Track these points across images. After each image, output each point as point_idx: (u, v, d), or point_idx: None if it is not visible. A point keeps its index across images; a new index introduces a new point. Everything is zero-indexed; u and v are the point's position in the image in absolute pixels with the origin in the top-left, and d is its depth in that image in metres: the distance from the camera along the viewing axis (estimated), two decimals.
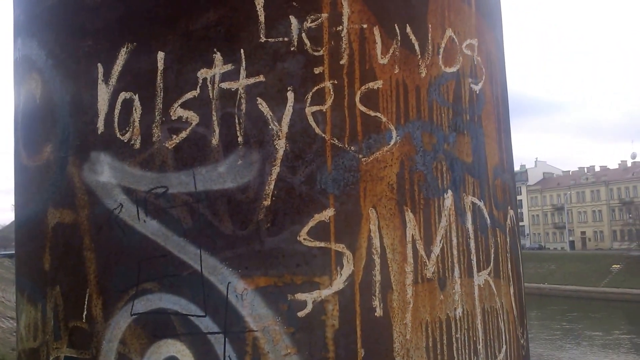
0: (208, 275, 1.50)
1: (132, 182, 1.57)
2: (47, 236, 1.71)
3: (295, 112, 1.54)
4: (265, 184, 1.51)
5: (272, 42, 1.55)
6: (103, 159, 1.60)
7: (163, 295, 1.52)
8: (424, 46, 1.69)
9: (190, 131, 1.54)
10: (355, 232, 1.54)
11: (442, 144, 1.69)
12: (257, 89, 1.54)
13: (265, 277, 1.49)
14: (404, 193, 1.60)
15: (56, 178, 1.69)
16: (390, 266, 1.56)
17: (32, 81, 1.80)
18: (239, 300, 1.48)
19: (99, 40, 1.63)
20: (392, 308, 1.55)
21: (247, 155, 1.52)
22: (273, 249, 1.50)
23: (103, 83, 1.62)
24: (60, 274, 1.67)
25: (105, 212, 1.59)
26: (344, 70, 1.57)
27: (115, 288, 1.56)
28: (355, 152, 1.56)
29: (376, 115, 1.59)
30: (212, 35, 1.55)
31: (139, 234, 1.55)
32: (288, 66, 1.54)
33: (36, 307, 1.75)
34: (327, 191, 1.53)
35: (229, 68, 1.54)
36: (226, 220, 1.51)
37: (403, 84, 1.63)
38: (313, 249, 1.51)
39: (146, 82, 1.58)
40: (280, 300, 1.49)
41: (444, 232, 1.66)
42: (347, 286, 1.51)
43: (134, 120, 1.58)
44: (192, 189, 1.53)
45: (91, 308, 1.59)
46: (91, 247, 1.61)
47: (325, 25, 1.57)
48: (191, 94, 1.55)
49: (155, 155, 1.56)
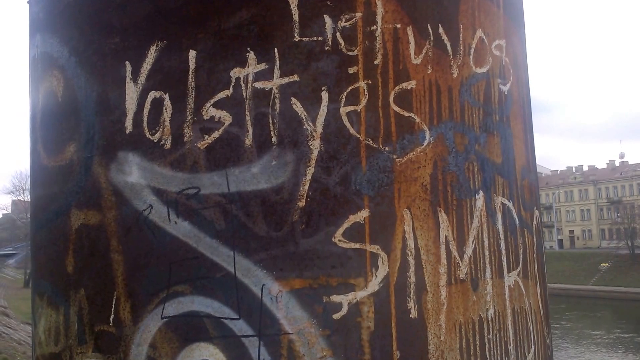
0: (242, 278, 1.47)
1: (162, 182, 1.54)
2: (71, 238, 1.67)
3: (329, 112, 1.52)
4: (299, 185, 1.49)
5: (306, 42, 1.52)
6: (131, 159, 1.57)
7: (195, 298, 1.49)
8: (456, 46, 1.68)
9: (223, 131, 1.51)
10: (390, 233, 1.52)
11: (473, 145, 1.68)
12: (291, 89, 1.51)
13: (300, 279, 1.47)
14: (437, 194, 1.59)
15: (80, 178, 1.66)
16: (424, 267, 1.54)
17: (53, 79, 1.76)
18: (273, 303, 1.46)
19: (127, 37, 1.60)
20: (427, 309, 1.53)
21: (281, 155, 1.50)
22: (308, 250, 1.48)
23: (131, 81, 1.58)
24: (85, 276, 1.63)
25: (134, 213, 1.55)
26: (378, 70, 1.55)
27: (145, 291, 1.53)
28: (389, 153, 1.54)
29: (410, 115, 1.57)
30: (244, 34, 1.53)
31: (169, 235, 1.52)
32: (322, 66, 1.52)
33: (58, 311, 1.71)
34: (362, 192, 1.51)
35: (262, 67, 1.52)
36: (260, 222, 1.48)
37: (436, 84, 1.62)
38: (348, 250, 1.49)
39: (177, 81, 1.54)
40: (316, 302, 1.47)
41: (476, 233, 1.65)
42: (383, 288, 1.50)
43: (164, 119, 1.55)
44: (225, 189, 1.50)
45: (119, 311, 1.56)
46: (119, 249, 1.57)
47: (359, 25, 1.55)
48: (224, 93, 1.52)
49: (187, 156, 1.53)
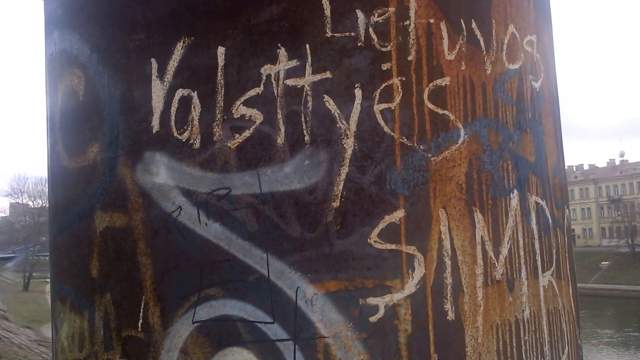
0: (275, 280, 1.43)
1: (191, 183, 1.50)
2: (95, 241, 1.63)
3: (363, 110, 1.48)
4: (333, 185, 1.45)
5: (339, 37, 1.48)
6: (159, 159, 1.53)
7: (227, 301, 1.45)
8: (489, 42, 1.64)
9: (254, 130, 1.47)
10: (426, 233, 1.48)
11: (507, 143, 1.64)
12: (324, 86, 1.47)
13: (336, 281, 1.43)
14: (473, 193, 1.55)
15: (104, 179, 1.61)
16: (460, 268, 1.50)
17: (74, 77, 1.72)
18: (308, 306, 1.42)
19: (152, 34, 1.56)
20: (464, 311, 1.50)
21: (314, 154, 1.46)
22: (343, 252, 1.44)
23: (157, 79, 1.54)
24: (111, 280, 1.59)
25: (162, 215, 1.51)
26: (412, 66, 1.51)
27: (175, 295, 1.49)
28: (424, 151, 1.50)
29: (444, 113, 1.53)
30: (275, 30, 1.48)
31: (200, 237, 1.48)
32: (355, 62, 1.48)
33: (82, 316, 1.67)
34: (397, 192, 1.47)
35: (294, 64, 1.47)
36: (293, 223, 1.44)
37: (470, 81, 1.58)
38: (384, 251, 1.45)
39: (205, 78, 1.50)
40: (352, 305, 1.43)
41: (511, 233, 1.61)
42: (419, 289, 1.46)
43: (192, 118, 1.51)
44: (256, 190, 1.46)
45: (147, 316, 1.51)
46: (147, 252, 1.53)
47: (392, 20, 1.51)
48: (254, 91, 1.48)
49: (217, 155, 1.49)
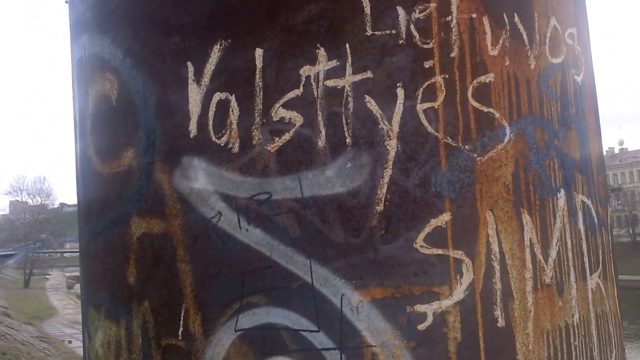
0: (320, 287, 1.39)
1: (231, 188, 1.46)
2: (132, 247, 1.60)
3: (405, 110, 1.43)
4: (377, 188, 1.41)
5: (379, 35, 1.44)
6: (197, 164, 1.49)
7: (271, 309, 1.41)
8: (532, 36, 1.58)
9: (294, 133, 1.43)
10: (473, 237, 1.44)
11: (553, 140, 1.59)
12: (365, 86, 1.43)
13: (382, 288, 1.39)
14: (520, 194, 1.50)
15: (141, 185, 1.58)
16: (510, 273, 1.46)
17: (106, 81, 1.69)
18: (354, 314, 1.38)
19: (188, 37, 1.52)
20: (514, 317, 1.45)
21: (356, 157, 1.41)
22: (388, 257, 1.40)
23: (194, 83, 1.50)
24: (149, 288, 1.56)
25: (201, 220, 1.48)
26: (455, 63, 1.46)
27: (216, 302, 1.46)
28: (469, 151, 1.45)
29: (489, 111, 1.48)
30: (314, 30, 1.44)
31: (241, 243, 1.44)
32: (397, 61, 1.43)
33: (118, 324, 1.64)
34: (443, 194, 1.42)
35: (333, 64, 1.43)
36: (337, 228, 1.40)
37: (514, 77, 1.53)
38: (430, 256, 1.40)
39: (243, 81, 1.46)
40: (399, 312, 1.38)
41: (559, 234, 1.56)
42: (468, 296, 1.41)
43: (230, 122, 1.47)
44: (298, 194, 1.42)
45: (188, 324, 1.48)
46: (186, 259, 1.50)
47: (434, 16, 1.46)
48: (294, 93, 1.44)
49: (257, 160, 1.45)
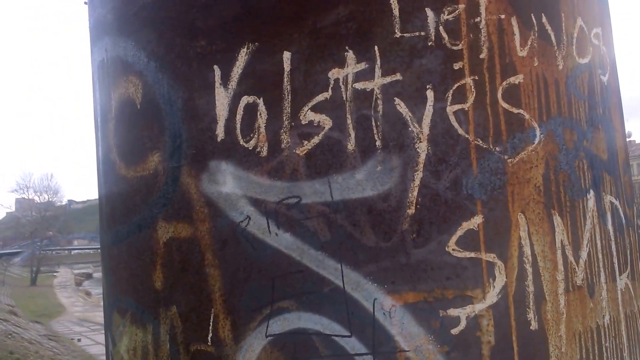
0: (351, 292, 1.38)
1: (259, 192, 1.45)
2: (158, 252, 1.59)
3: (435, 112, 1.42)
4: (408, 191, 1.40)
5: (408, 37, 1.42)
6: (225, 168, 1.48)
7: (302, 314, 1.40)
8: (559, 37, 1.57)
9: (323, 136, 1.42)
10: (505, 239, 1.42)
11: (581, 141, 1.58)
12: (394, 89, 1.42)
13: (414, 292, 1.38)
14: (551, 195, 1.49)
15: (167, 189, 1.57)
16: (542, 275, 1.44)
17: (130, 85, 1.68)
18: (386, 318, 1.37)
19: (214, 40, 1.51)
20: (547, 320, 1.44)
21: (386, 160, 1.40)
22: (420, 261, 1.38)
23: (221, 87, 1.49)
24: (176, 293, 1.55)
25: (230, 225, 1.47)
26: (484, 64, 1.45)
27: (246, 307, 1.45)
28: (500, 153, 1.44)
29: (519, 112, 1.47)
30: (342, 32, 1.43)
31: (270, 248, 1.43)
32: (426, 62, 1.42)
33: (145, 330, 1.63)
34: (474, 197, 1.41)
35: (362, 67, 1.42)
36: (368, 232, 1.39)
37: (543, 78, 1.52)
38: (463, 260, 1.39)
39: (271, 84, 1.45)
40: (432, 316, 1.37)
41: (589, 236, 1.55)
42: (501, 299, 1.40)
43: (258, 126, 1.46)
44: (328, 198, 1.41)
45: (218, 330, 1.48)
46: (215, 264, 1.49)
47: (462, 17, 1.45)
48: (322, 96, 1.43)
49: (285, 163, 1.44)
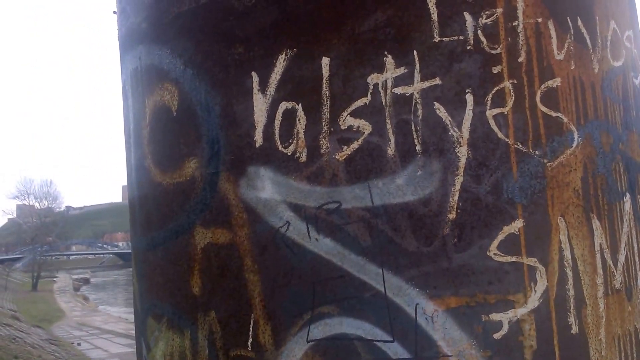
0: (393, 297, 1.39)
1: (299, 197, 1.45)
2: (196, 258, 1.60)
3: (475, 116, 1.42)
4: (448, 196, 1.40)
5: (447, 42, 1.43)
6: (263, 173, 1.49)
7: (343, 319, 1.41)
8: (594, 40, 1.57)
9: (363, 141, 1.43)
10: (546, 243, 1.43)
11: (617, 144, 1.58)
12: (434, 93, 1.42)
13: (456, 297, 1.38)
14: (589, 199, 1.49)
15: (205, 195, 1.58)
16: (582, 279, 1.44)
17: (165, 92, 1.69)
18: (429, 323, 1.37)
19: (252, 47, 1.52)
20: (587, 324, 1.44)
21: (426, 164, 1.41)
22: (462, 265, 1.39)
23: (259, 93, 1.50)
24: (215, 298, 1.56)
25: (269, 230, 1.48)
26: (523, 68, 1.45)
27: (287, 313, 1.45)
28: (540, 157, 1.44)
29: (557, 115, 1.47)
30: (381, 37, 1.44)
31: (311, 253, 1.44)
32: (465, 67, 1.43)
33: (182, 335, 1.64)
34: (515, 201, 1.41)
35: (401, 72, 1.42)
36: (409, 237, 1.40)
37: (579, 81, 1.52)
38: (504, 264, 1.39)
39: (310, 90, 1.46)
40: (474, 321, 1.37)
41: (627, 239, 1.55)
42: (542, 303, 1.40)
43: (297, 131, 1.47)
44: (368, 203, 1.41)
45: (258, 335, 1.48)
46: (254, 269, 1.49)
47: (500, 21, 1.45)
48: (361, 101, 1.43)
49: (325, 169, 1.44)
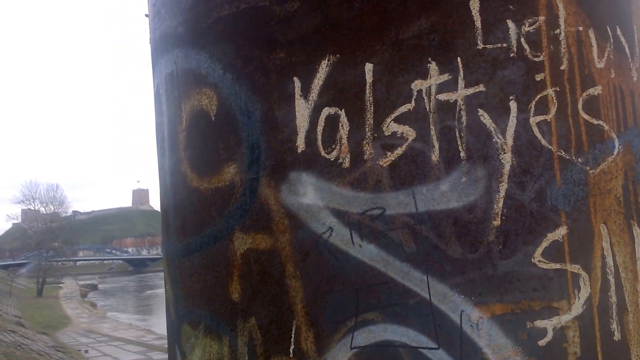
0: (438, 304, 1.38)
1: (342, 203, 1.45)
2: (235, 263, 1.59)
3: (519, 123, 1.43)
4: (493, 202, 1.40)
5: (491, 49, 1.44)
6: (305, 179, 1.49)
7: (388, 326, 1.40)
8: (633, 49, 1.59)
9: (407, 147, 1.43)
10: (589, 251, 1.43)
11: None
12: (477, 100, 1.43)
13: (501, 304, 1.38)
14: (630, 206, 1.49)
15: (244, 200, 1.58)
16: (624, 286, 1.45)
17: (203, 97, 1.69)
18: (474, 330, 1.37)
19: (294, 52, 1.52)
20: (629, 330, 1.44)
21: (471, 171, 1.41)
22: (507, 272, 1.39)
23: (301, 98, 1.51)
24: (255, 304, 1.55)
25: (311, 236, 1.47)
26: (565, 76, 1.46)
27: (330, 319, 1.45)
28: (582, 164, 1.45)
29: (599, 123, 1.48)
30: (425, 44, 1.44)
31: (354, 259, 1.43)
32: (509, 74, 1.43)
33: (220, 341, 1.63)
34: (558, 208, 1.42)
35: (445, 78, 1.43)
36: (453, 243, 1.40)
37: (619, 89, 1.53)
38: (549, 271, 1.39)
39: (353, 96, 1.46)
40: (519, 328, 1.37)
41: None
42: (586, 310, 1.40)
43: (340, 137, 1.47)
44: (412, 209, 1.41)
45: (300, 342, 1.48)
46: (296, 275, 1.49)
47: (543, 29, 1.46)
48: (405, 107, 1.44)
49: (369, 175, 1.44)
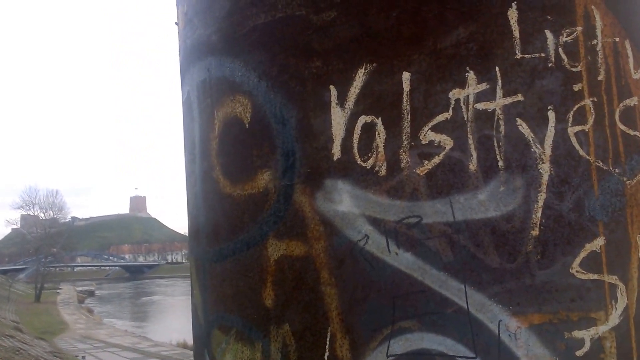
0: (475, 313, 1.38)
1: (378, 211, 1.46)
2: (269, 269, 1.60)
3: (557, 133, 1.43)
4: (531, 212, 1.40)
5: (529, 59, 1.44)
6: (341, 187, 1.50)
7: (425, 334, 1.40)
8: None
9: (444, 156, 1.43)
10: (626, 261, 1.42)
11: None
12: (516, 109, 1.43)
13: (539, 314, 1.38)
14: None
15: (278, 207, 1.59)
16: None
17: (237, 104, 1.70)
18: (512, 340, 1.37)
19: (330, 61, 1.53)
20: None
21: (509, 181, 1.41)
22: (545, 282, 1.38)
23: (338, 106, 1.51)
24: (289, 311, 1.56)
25: (347, 244, 1.48)
26: (602, 86, 1.46)
27: (365, 327, 1.45)
28: (619, 175, 1.45)
29: (635, 134, 1.48)
30: (463, 53, 1.45)
31: (390, 267, 1.44)
32: (547, 84, 1.44)
33: (253, 347, 1.63)
34: (596, 218, 1.41)
35: (483, 87, 1.44)
36: (492, 253, 1.40)
37: None
38: (586, 282, 1.39)
39: (390, 104, 1.47)
40: (557, 338, 1.37)
41: None
42: (623, 321, 1.40)
43: (377, 145, 1.48)
44: (450, 218, 1.42)
45: (335, 349, 1.48)
46: (331, 282, 1.49)
47: (580, 40, 1.46)
48: (443, 116, 1.44)
49: (405, 183, 1.45)
